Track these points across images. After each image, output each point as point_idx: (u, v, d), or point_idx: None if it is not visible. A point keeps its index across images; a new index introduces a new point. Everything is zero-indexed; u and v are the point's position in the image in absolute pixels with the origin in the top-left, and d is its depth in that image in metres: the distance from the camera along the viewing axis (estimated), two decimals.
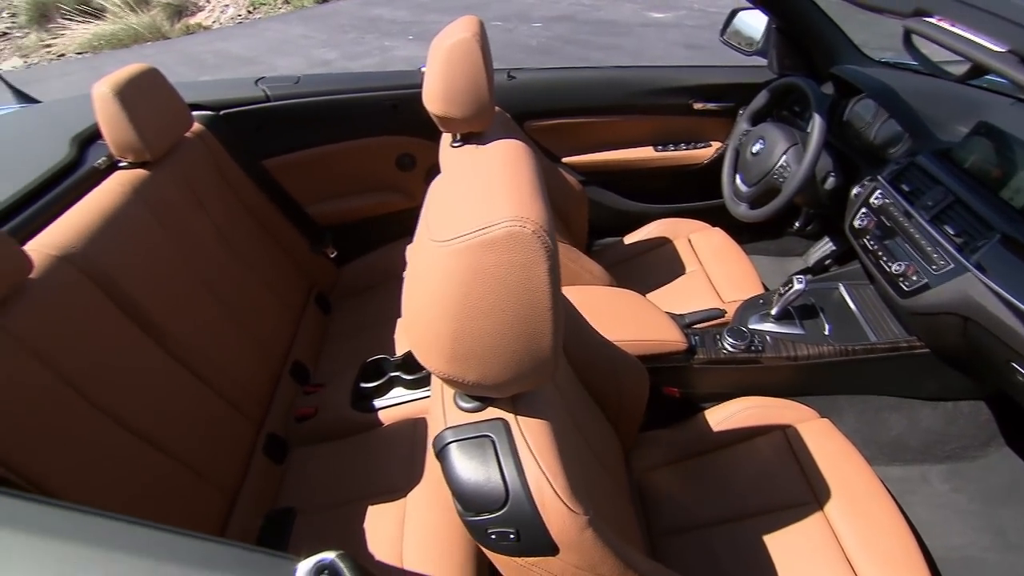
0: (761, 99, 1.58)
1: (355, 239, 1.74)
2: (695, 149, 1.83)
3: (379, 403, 1.24)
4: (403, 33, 6.04)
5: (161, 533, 0.53)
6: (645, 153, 1.82)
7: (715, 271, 1.54)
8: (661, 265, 1.62)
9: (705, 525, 0.99)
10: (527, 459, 0.55)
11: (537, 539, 0.55)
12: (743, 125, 1.59)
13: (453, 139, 1.19)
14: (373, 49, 5.63)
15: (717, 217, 1.70)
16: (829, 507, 0.95)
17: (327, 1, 7.58)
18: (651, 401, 1.03)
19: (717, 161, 1.79)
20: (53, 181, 1.13)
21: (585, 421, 0.86)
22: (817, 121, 1.28)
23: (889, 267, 1.17)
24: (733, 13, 1.74)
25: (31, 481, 0.78)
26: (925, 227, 1.10)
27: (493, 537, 0.56)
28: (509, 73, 1.67)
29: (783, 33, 1.59)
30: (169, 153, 1.25)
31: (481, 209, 0.48)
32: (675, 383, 1.27)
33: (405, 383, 1.24)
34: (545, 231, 0.47)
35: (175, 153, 1.27)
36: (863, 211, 1.29)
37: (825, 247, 1.81)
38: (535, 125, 1.72)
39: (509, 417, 0.58)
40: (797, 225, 1.87)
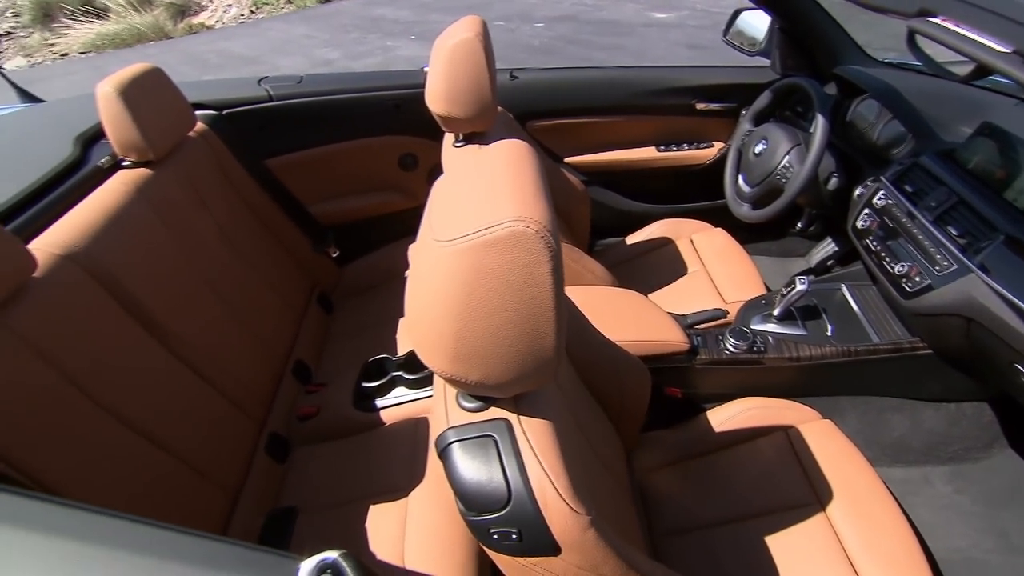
0: (764, 99, 1.57)
1: (357, 239, 1.74)
2: (697, 149, 1.83)
3: (381, 403, 1.24)
4: (405, 33, 6.05)
5: (163, 532, 0.53)
6: (647, 153, 1.82)
7: (717, 271, 1.54)
8: (663, 265, 1.61)
9: (707, 526, 0.99)
10: (529, 459, 0.55)
11: (539, 539, 0.55)
12: (746, 125, 1.59)
13: (456, 139, 1.19)
14: (375, 49, 5.63)
15: (719, 217, 1.70)
16: (831, 508, 0.95)
17: (329, 1, 7.59)
18: (653, 401, 1.03)
19: (719, 161, 1.79)
20: (57, 180, 1.13)
21: (587, 421, 0.86)
22: (820, 122, 1.28)
23: (892, 268, 1.16)
24: (736, 13, 1.74)
25: (33, 479, 0.78)
26: (928, 228, 1.10)
27: (495, 537, 0.56)
28: (512, 73, 1.67)
29: (786, 33, 1.58)
30: (172, 152, 1.25)
31: (484, 209, 0.48)
32: (677, 383, 1.27)
33: (407, 383, 1.24)
34: (548, 231, 0.47)
35: (178, 152, 1.27)
36: (866, 212, 1.28)
37: (827, 248, 1.80)
38: (537, 125, 1.72)
39: (511, 417, 0.58)
40: (800, 226, 1.86)
